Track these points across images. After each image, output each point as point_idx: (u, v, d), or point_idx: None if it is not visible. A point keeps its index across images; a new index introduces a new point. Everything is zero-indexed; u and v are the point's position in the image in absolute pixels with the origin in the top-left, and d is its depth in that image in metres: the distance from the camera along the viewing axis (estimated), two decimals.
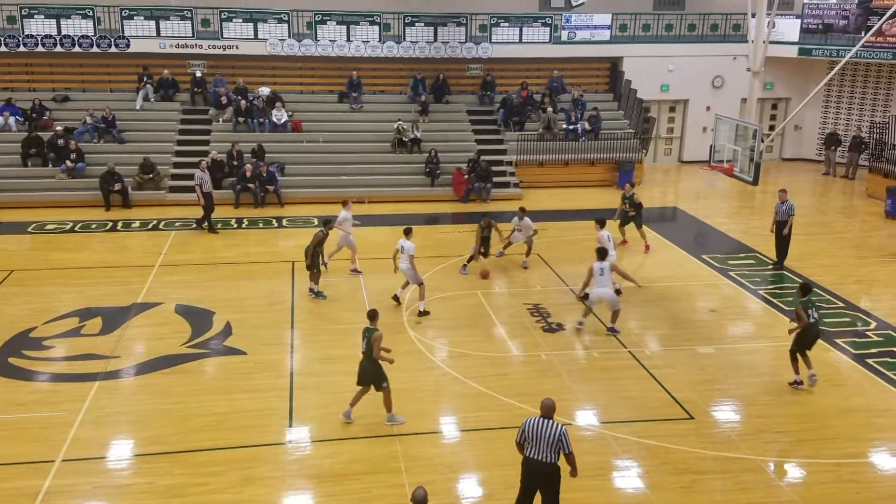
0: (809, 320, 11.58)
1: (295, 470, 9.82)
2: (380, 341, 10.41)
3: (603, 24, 27.52)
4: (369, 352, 10.43)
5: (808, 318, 11.58)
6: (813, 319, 11.65)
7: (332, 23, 26.24)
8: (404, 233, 14.72)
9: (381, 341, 10.44)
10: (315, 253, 15.22)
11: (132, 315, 14.51)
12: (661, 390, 11.90)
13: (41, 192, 22.10)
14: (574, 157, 25.39)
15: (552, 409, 8.14)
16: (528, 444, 8.09)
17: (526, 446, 8.13)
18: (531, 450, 8.08)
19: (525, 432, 8.09)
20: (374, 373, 10.51)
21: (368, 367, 10.52)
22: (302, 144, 24.77)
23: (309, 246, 15.22)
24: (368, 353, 10.46)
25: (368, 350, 10.44)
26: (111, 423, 10.85)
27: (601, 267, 13.66)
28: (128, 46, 25.24)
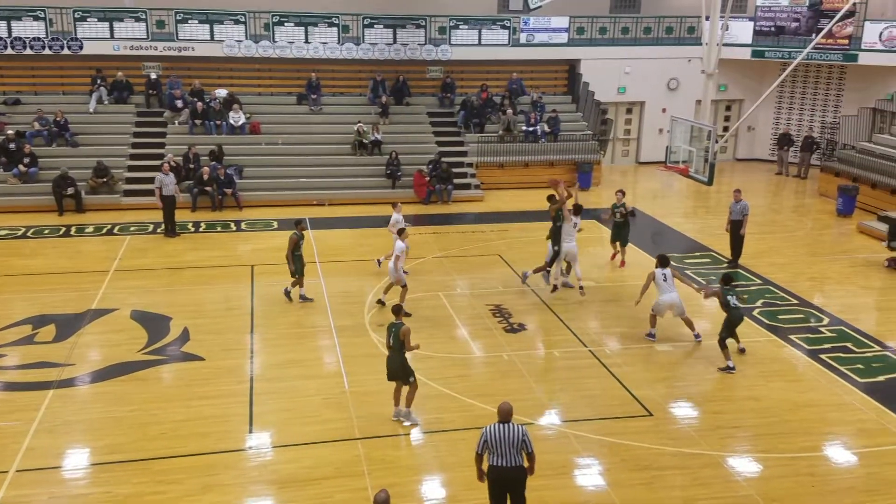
0: (730, 306, 12.61)
1: (256, 476, 9.71)
2: (409, 335, 10.44)
3: (560, 26, 27.75)
4: (398, 346, 10.45)
5: (729, 304, 12.61)
6: (733, 305, 12.65)
7: (290, 24, 26.05)
8: (398, 232, 14.62)
9: (410, 335, 10.47)
10: (295, 258, 14.91)
11: (87, 322, 14.22)
12: (621, 388, 12.04)
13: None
14: (534, 158, 25.57)
15: (510, 412, 8.14)
16: (492, 452, 8.03)
17: (488, 455, 8.08)
18: (496, 458, 8.03)
19: (487, 441, 8.02)
20: (402, 367, 10.57)
21: (397, 362, 10.56)
22: (260, 147, 24.54)
23: (287, 252, 14.94)
24: (397, 348, 10.48)
25: (397, 344, 10.46)
26: (67, 431, 10.62)
27: (663, 273, 13.50)
28: (81, 48, 24.74)
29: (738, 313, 12.78)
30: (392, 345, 10.56)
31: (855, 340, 13.87)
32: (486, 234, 20.40)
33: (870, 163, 22.91)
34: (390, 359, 10.65)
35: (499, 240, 19.72)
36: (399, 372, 10.61)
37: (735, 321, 12.72)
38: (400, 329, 10.46)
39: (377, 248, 19.06)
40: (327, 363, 12.82)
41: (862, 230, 20.71)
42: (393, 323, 10.64)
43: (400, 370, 10.59)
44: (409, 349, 10.50)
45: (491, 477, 8.15)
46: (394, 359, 10.60)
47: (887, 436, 10.79)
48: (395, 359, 10.57)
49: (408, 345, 10.47)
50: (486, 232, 20.55)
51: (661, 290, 13.48)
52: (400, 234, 14.58)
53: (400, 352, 10.50)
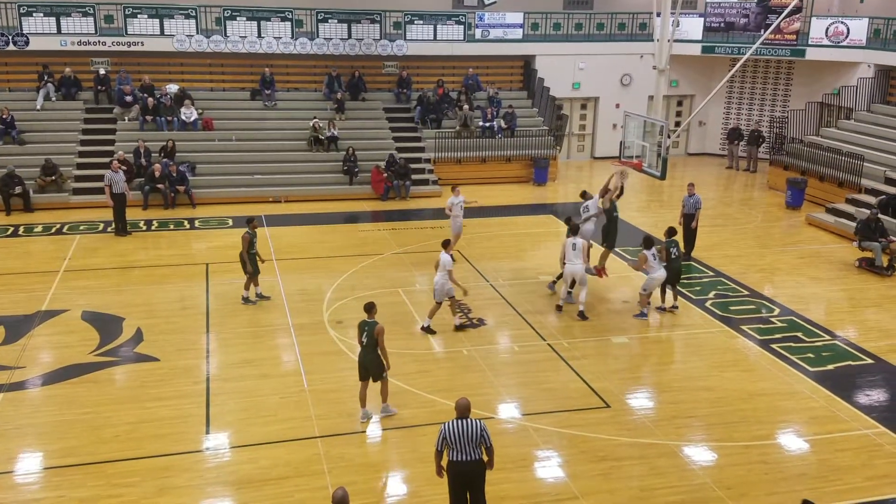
0: (671, 257, 14.49)
1: (213, 477, 9.58)
2: (383, 334, 10.46)
3: (515, 22, 27.87)
4: (372, 344, 10.45)
5: (671, 255, 14.48)
6: (674, 256, 14.57)
7: (242, 19, 25.67)
8: (442, 245, 13.94)
9: (384, 335, 10.48)
10: (250, 257, 14.62)
11: (37, 323, 13.86)
12: (579, 380, 12.18)
13: None
14: (491, 154, 25.66)
15: (468, 408, 8.15)
16: (451, 447, 8.05)
17: (448, 451, 8.09)
18: (455, 453, 8.05)
19: (446, 438, 8.02)
20: (375, 364, 10.57)
21: (370, 360, 10.55)
22: (214, 143, 24.17)
23: (242, 251, 14.64)
24: (371, 346, 10.47)
25: (371, 342, 10.46)
26: (18, 435, 10.36)
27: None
28: (27, 44, 24.05)
29: (677, 264, 14.61)
30: (366, 343, 10.54)
31: (805, 330, 14.24)
32: (444, 229, 20.32)
33: (817, 156, 23.51)
34: (363, 356, 10.63)
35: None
36: (372, 368, 10.60)
37: (675, 272, 14.51)
38: (374, 328, 10.43)
39: (335, 245, 18.97)
40: (285, 362, 12.70)
41: (811, 222, 21.25)
42: (366, 321, 10.59)
43: (373, 366, 10.60)
44: (382, 347, 10.50)
45: (451, 472, 8.16)
46: (367, 356, 10.58)
47: (837, 423, 11.10)
48: (369, 356, 10.56)
49: (381, 343, 10.47)
50: (445, 227, 20.49)
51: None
52: (444, 246, 13.92)
53: (374, 350, 10.50)
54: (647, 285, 14.47)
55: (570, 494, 9.35)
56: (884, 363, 12.99)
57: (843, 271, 17.57)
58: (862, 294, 16.22)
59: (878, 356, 13.23)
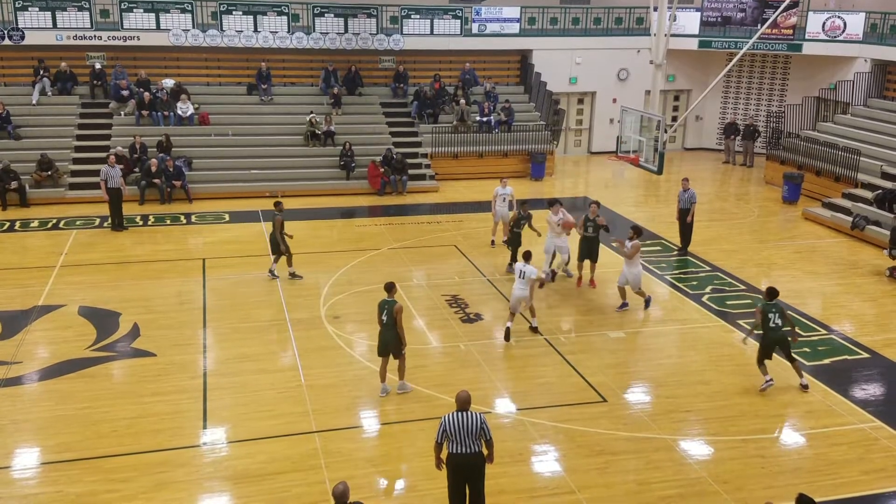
0: (770, 325, 11.53)
1: (210, 472, 9.59)
2: (401, 313, 10.96)
3: (512, 17, 27.82)
4: (391, 322, 10.94)
5: (768, 322, 11.52)
6: (773, 325, 11.53)
7: (238, 13, 25.59)
8: (524, 258, 13.27)
9: (402, 313, 11.00)
10: (282, 237, 15.50)
11: (33, 318, 13.84)
12: (576, 375, 12.20)
13: None
14: (488, 148, 25.64)
15: (468, 401, 8.18)
16: (451, 440, 8.06)
17: (447, 444, 8.11)
18: (455, 445, 8.06)
19: (446, 430, 8.04)
20: (395, 341, 11.04)
21: (390, 337, 11.04)
22: (210, 138, 24.12)
23: (273, 233, 15.47)
24: (390, 324, 10.95)
25: (390, 321, 10.95)
26: (14, 430, 10.35)
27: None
28: (22, 39, 23.95)
29: (779, 334, 11.54)
30: (385, 321, 10.99)
31: (801, 325, 14.24)
32: (441, 224, 20.42)
33: (814, 151, 23.53)
34: (383, 333, 11.10)
35: (454, 230, 19.75)
36: (392, 345, 11.07)
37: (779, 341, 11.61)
38: (394, 306, 10.92)
39: (332, 240, 18.97)
40: (283, 357, 12.70)
41: (807, 217, 21.28)
42: (386, 300, 11.04)
43: (393, 344, 11.06)
44: (400, 326, 10.93)
45: (450, 465, 8.18)
46: (387, 333, 11.06)
47: (833, 417, 11.13)
48: (389, 333, 11.04)
49: (399, 322, 10.92)
50: (442, 223, 20.57)
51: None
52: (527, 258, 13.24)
53: (393, 327, 10.97)
54: (635, 282, 14.41)
55: (567, 488, 9.38)
56: (880, 357, 13.03)
57: (839, 266, 17.60)
58: (858, 289, 16.25)
59: (874, 350, 13.27)
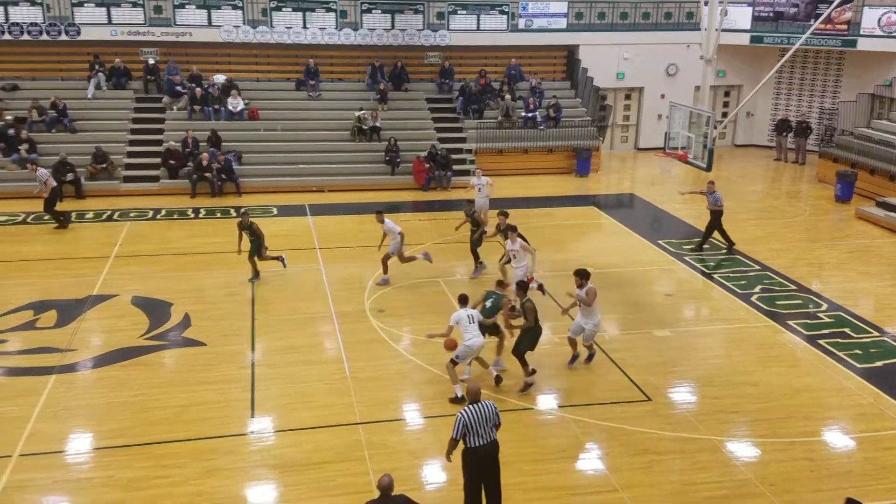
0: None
1: (257, 460, 9.78)
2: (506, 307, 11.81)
3: (559, 12, 27.66)
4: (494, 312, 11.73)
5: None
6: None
7: (288, 9, 25.93)
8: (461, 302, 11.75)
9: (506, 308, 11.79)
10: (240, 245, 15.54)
11: (88, 307, 14.26)
12: (620, 373, 12.12)
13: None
14: (533, 144, 25.55)
15: (479, 392, 8.33)
16: (471, 434, 8.09)
17: (467, 438, 8.13)
18: (474, 438, 8.10)
19: (466, 424, 8.07)
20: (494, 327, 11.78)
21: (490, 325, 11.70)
22: (259, 133, 24.50)
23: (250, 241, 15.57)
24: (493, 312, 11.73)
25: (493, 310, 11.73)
26: (69, 416, 10.68)
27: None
28: (78, 34, 24.62)
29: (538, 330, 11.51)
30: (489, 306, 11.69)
31: (853, 326, 13.95)
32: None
33: (868, 148, 22.92)
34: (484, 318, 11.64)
35: None
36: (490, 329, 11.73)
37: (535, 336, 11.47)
38: (501, 299, 11.78)
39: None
40: (328, 349, 12.88)
41: (860, 216, 20.75)
42: (494, 292, 11.88)
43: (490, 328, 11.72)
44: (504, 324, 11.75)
45: (471, 459, 8.19)
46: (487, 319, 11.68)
47: (884, 420, 10.88)
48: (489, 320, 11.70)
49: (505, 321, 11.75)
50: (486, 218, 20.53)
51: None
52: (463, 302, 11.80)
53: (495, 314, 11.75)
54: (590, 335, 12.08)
55: (609, 487, 9.34)
56: None
57: (893, 266, 17.14)
58: None
59: None
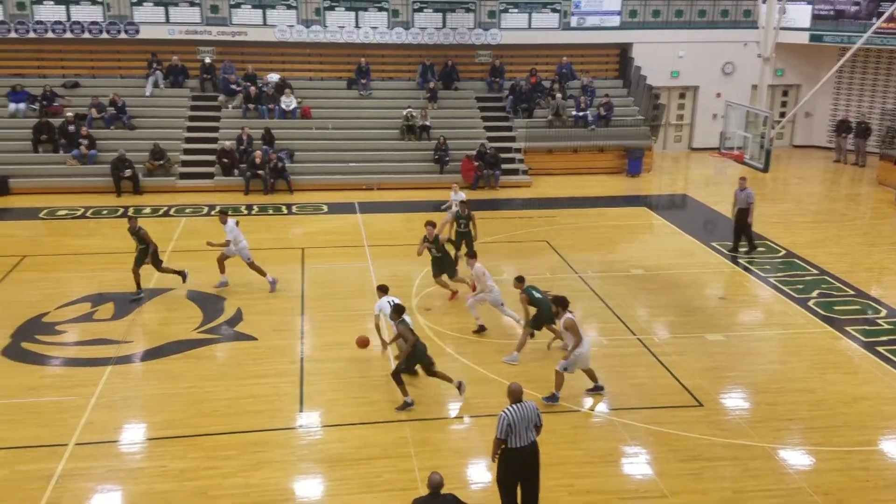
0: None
1: (305, 454, 9.89)
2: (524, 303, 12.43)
3: (613, 9, 27.36)
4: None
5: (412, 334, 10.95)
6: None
7: (341, 9, 26.18)
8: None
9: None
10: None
11: (144, 300, 14.60)
12: (670, 377, 11.92)
13: (52, 178, 22.20)
14: (583, 144, 25.33)
15: (521, 391, 8.25)
16: (513, 434, 8.01)
17: (509, 439, 8.03)
18: (516, 439, 8.02)
19: (510, 424, 7.98)
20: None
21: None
22: (311, 131, 24.78)
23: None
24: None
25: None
26: (124, 407, 10.94)
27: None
28: (137, 33, 25.25)
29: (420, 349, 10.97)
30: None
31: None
32: (533, 219, 20.31)
33: None
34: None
35: (547, 226, 19.62)
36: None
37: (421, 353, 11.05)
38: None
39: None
40: (375, 346, 12.93)
41: None
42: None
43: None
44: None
45: (512, 460, 8.11)
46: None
47: None
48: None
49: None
50: (534, 218, 20.46)
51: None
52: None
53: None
54: (571, 363, 10.91)
55: (658, 493, 9.19)
56: None
57: None
58: None
59: None
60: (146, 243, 14.59)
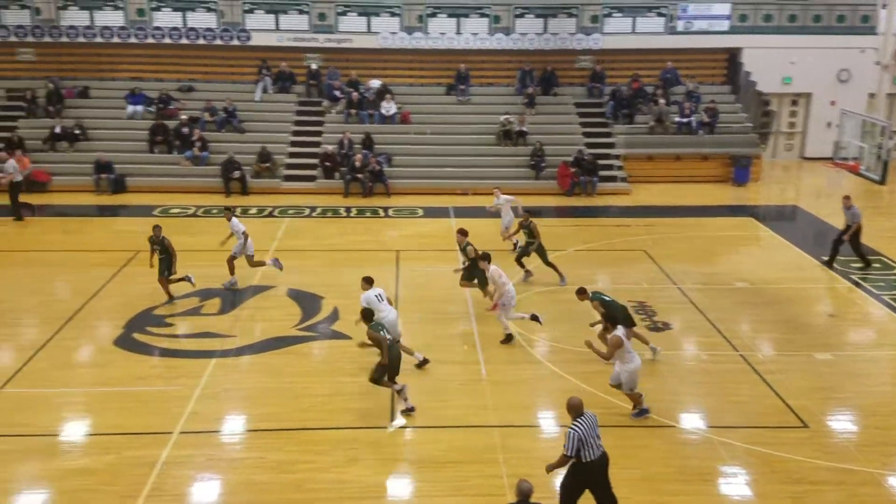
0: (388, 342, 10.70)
1: (396, 454, 10.03)
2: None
3: (722, 13, 26.56)
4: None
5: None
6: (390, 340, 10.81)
7: (443, 15, 26.47)
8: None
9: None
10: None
11: (248, 297, 15.15)
12: (774, 396, 11.43)
13: (166, 177, 23.35)
14: (686, 151, 24.65)
15: (582, 404, 8.17)
16: (585, 448, 7.95)
17: (582, 453, 7.96)
18: (589, 451, 7.97)
19: (581, 438, 7.92)
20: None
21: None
22: (409, 136, 25.13)
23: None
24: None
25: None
26: (226, 398, 11.36)
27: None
28: (248, 39, 26.27)
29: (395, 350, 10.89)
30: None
31: None
32: (631, 228, 19.91)
33: None
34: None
35: (645, 235, 19.19)
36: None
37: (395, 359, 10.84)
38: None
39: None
40: (465, 350, 12.98)
41: None
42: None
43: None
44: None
45: (585, 471, 8.07)
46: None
47: None
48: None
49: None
50: (632, 226, 20.05)
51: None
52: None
53: None
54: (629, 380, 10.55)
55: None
56: None
57: None
58: None
59: None
60: (168, 252, 14.76)
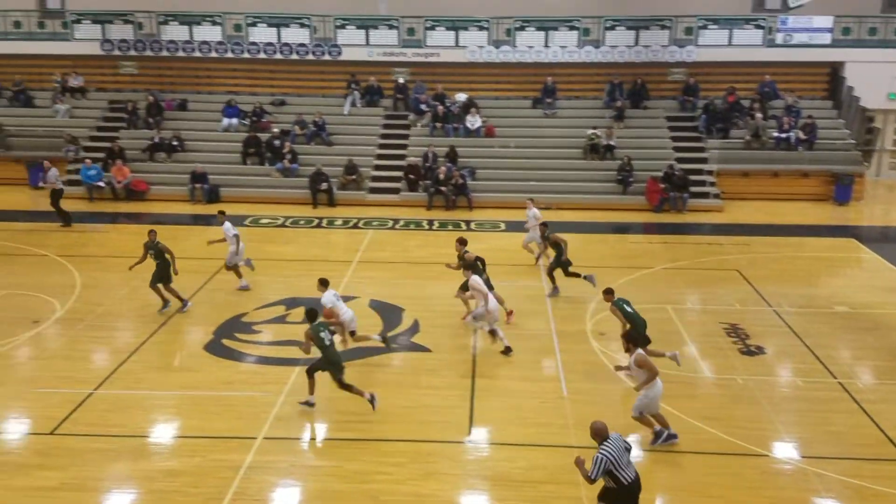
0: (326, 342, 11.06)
1: (473, 470, 9.90)
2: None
3: (823, 26, 25.51)
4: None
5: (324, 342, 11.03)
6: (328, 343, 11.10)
7: (532, 28, 26.38)
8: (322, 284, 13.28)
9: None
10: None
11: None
12: (873, 426, 10.75)
13: (257, 188, 24.04)
14: (784, 167, 23.70)
15: (606, 428, 8.02)
16: (620, 470, 7.83)
17: (619, 476, 7.83)
18: (625, 474, 7.87)
19: (612, 461, 7.79)
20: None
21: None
22: (493, 149, 25.07)
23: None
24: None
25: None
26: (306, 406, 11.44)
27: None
28: (339, 54, 26.86)
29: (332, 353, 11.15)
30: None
31: None
32: (723, 246, 19.23)
33: None
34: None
35: (738, 254, 18.49)
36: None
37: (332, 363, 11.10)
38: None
39: (603, 255, 18.69)
40: (546, 367, 12.76)
41: None
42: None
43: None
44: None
45: (627, 493, 7.94)
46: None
47: None
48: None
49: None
50: (724, 245, 19.36)
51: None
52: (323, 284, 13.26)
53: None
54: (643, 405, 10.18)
55: None
56: None
57: None
58: None
59: None
60: (163, 258, 14.69)
